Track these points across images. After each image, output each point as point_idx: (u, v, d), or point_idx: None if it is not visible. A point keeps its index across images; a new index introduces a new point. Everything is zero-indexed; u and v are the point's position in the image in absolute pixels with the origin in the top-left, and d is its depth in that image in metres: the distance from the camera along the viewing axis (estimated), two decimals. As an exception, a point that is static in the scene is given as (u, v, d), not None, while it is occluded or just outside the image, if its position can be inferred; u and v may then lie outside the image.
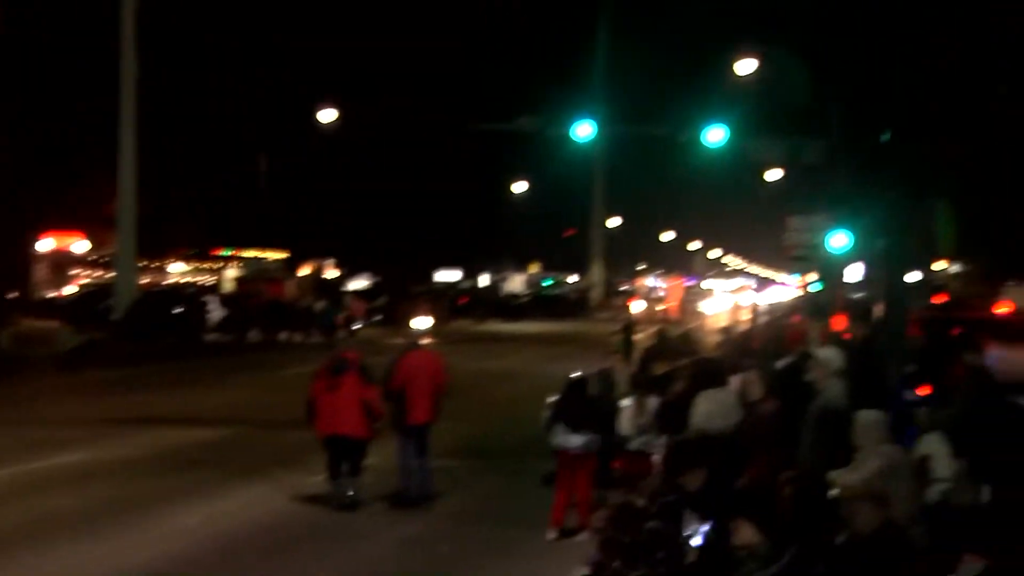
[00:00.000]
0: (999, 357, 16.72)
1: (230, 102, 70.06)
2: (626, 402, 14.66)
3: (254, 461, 19.32)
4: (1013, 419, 13.22)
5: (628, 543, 8.60)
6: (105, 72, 47.97)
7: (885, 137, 13.13)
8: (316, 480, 16.93)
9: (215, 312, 49.66)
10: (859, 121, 22.22)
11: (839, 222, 23.60)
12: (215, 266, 75.19)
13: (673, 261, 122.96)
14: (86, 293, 51.70)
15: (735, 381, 13.28)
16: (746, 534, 8.77)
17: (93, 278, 62.02)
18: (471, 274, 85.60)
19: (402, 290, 65.14)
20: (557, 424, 14.79)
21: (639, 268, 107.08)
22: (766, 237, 73.40)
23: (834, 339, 17.16)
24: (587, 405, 14.86)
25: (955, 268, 55.39)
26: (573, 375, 15.07)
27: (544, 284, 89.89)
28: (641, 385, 14.88)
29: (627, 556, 8.62)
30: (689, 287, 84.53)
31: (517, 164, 78.28)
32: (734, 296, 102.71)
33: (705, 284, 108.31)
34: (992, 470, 12.61)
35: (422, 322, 18.17)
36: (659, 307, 68.18)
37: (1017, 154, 28.67)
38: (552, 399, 14.98)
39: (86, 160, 56.60)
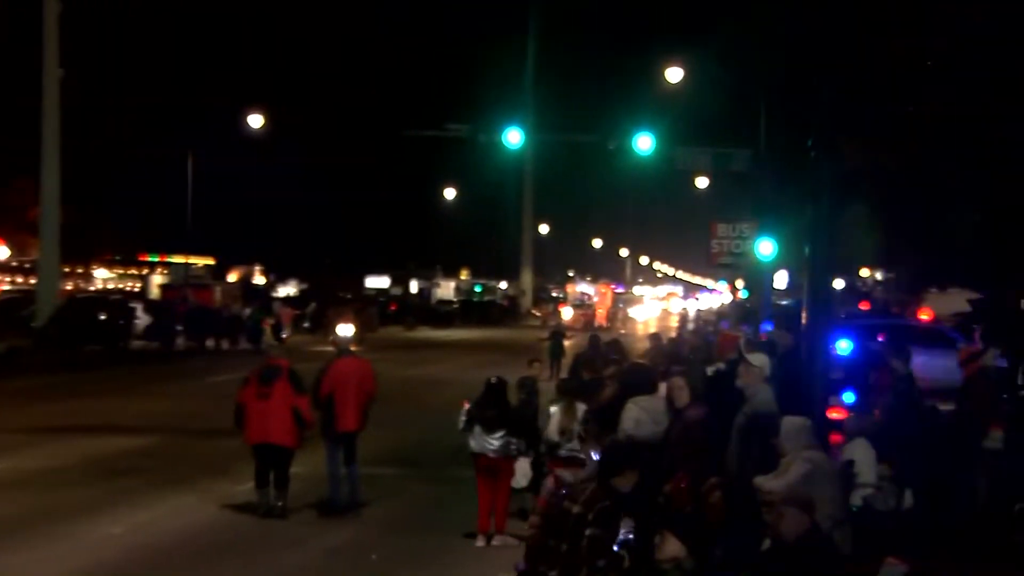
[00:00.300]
0: (922, 364, 16.94)
1: (157, 106, 69.55)
2: (554, 408, 14.68)
3: (180, 470, 19.22)
4: (934, 425, 13.40)
5: (565, 551, 8.56)
6: (27, 75, 47.53)
7: (808, 144, 13.30)
8: (243, 489, 16.81)
9: (141, 319, 49.24)
10: (783, 129, 22.42)
11: (765, 229, 23.83)
12: (141, 272, 74.53)
13: (602, 268, 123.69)
14: (7, 300, 51.09)
15: (664, 388, 13.34)
16: (672, 548, 8.74)
17: (15, 285, 61.24)
18: (401, 281, 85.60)
19: (331, 297, 64.90)
20: (473, 427, 14.80)
21: (569, 275, 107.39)
22: (695, 244, 74.02)
23: (761, 346, 17.30)
24: (505, 408, 14.85)
25: (879, 275, 55.81)
26: (491, 378, 15.08)
27: (474, 290, 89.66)
28: (570, 391, 14.89)
29: (565, 564, 8.57)
30: (619, 294, 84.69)
31: (448, 171, 78.22)
32: (663, 303, 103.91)
33: (635, 291, 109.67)
34: (915, 475, 12.91)
35: (347, 329, 17.98)
36: (588, 313, 68.51)
37: (938, 162, 29.08)
38: (468, 403, 14.97)
39: (7, 165, 55.98)
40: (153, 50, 68.71)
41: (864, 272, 59.67)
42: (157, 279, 69.31)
